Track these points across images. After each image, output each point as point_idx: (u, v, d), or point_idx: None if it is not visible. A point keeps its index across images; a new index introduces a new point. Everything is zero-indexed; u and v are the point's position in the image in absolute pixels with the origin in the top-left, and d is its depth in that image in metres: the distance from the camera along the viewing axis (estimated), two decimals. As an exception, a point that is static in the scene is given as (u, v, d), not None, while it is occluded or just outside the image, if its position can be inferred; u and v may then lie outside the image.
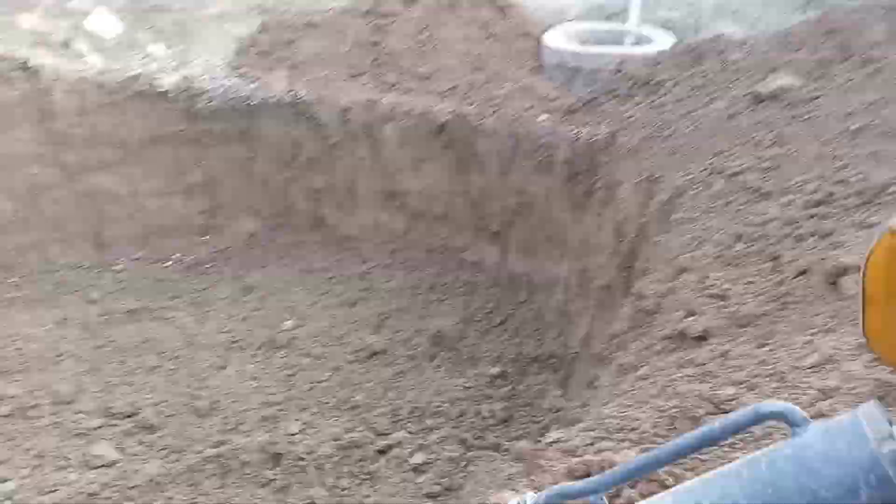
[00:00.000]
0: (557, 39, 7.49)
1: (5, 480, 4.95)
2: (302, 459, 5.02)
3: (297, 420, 5.44)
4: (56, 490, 4.86)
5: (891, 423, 0.70)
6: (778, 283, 3.24)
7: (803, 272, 3.15)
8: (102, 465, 5.05)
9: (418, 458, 5.01)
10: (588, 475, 2.35)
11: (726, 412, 2.58)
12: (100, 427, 5.39)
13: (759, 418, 0.78)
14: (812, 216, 3.62)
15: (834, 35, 5.72)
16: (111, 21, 7.73)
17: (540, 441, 2.83)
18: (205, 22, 8.08)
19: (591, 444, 2.70)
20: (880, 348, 0.87)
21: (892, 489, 0.66)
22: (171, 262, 7.43)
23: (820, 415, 2.15)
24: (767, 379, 2.58)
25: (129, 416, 5.48)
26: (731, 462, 0.80)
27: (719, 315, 3.27)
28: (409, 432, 5.32)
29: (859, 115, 4.55)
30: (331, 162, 7.40)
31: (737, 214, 4.03)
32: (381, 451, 5.11)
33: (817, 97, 5.02)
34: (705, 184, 4.45)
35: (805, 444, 0.73)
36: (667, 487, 1.42)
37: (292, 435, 5.26)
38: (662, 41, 7.36)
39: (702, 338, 3.23)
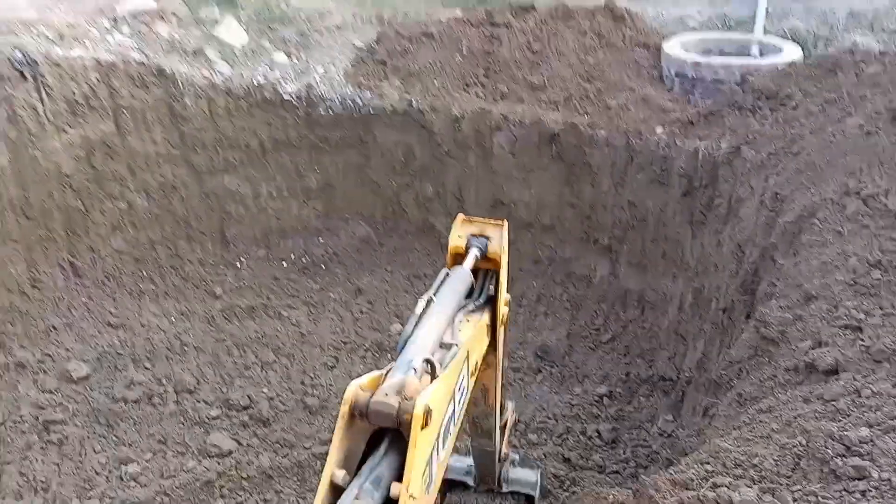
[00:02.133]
0: (677, 49, 7.27)
1: (130, 461, 5.29)
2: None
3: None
4: (175, 476, 5.16)
5: None
6: (921, 316, 3.02)
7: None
8: (219, 454, 5.31)
9: (521, 473, 4.97)
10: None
11: (860, 455, 2.42)
12: (218, 417, 5.67)
13: None
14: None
15: None
16: (238, 30, 8.14)
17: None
18: (325, 32, 8.37)
19: (706, 478, 2.60)
20: None
21: None
22: (288, 262, 7.72)
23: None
24: (908, 423, 2.41)
25: (245, 409, 5.73)
26: None
27: (852, 348, 3.07)
28: (512, 446, 5.29)
29: None
30: (441, 170, 7.47)
31: (873, 240, 3.77)
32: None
33: (967, 114, 4.65)
34: (838, 205, 4.19)
35: None
36: None
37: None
38: (790, 52, 7.01)
39: (832, 372, 3.04)
